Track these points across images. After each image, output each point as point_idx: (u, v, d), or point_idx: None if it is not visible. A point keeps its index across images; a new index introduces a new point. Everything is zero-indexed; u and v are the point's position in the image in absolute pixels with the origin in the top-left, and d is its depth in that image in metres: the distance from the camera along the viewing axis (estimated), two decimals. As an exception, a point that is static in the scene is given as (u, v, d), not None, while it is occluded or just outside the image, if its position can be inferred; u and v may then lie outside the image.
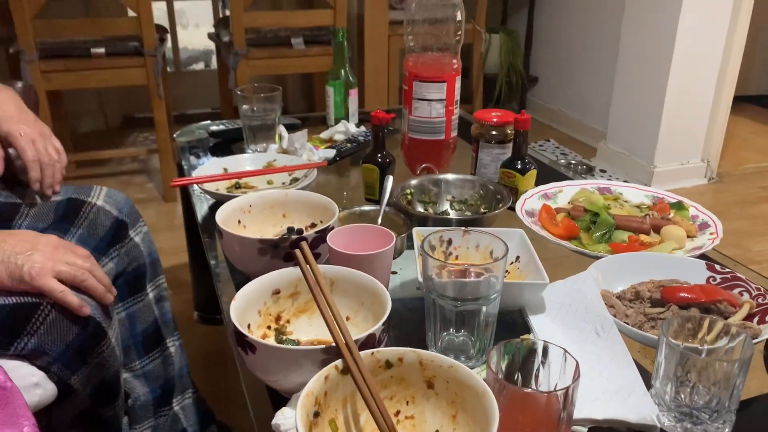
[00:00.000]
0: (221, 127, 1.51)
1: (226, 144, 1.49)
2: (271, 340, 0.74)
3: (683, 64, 2.61)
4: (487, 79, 3.60)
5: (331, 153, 1.37)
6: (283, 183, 1.23)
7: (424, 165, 1.27)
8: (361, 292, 0.75)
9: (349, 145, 1.41)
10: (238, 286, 0.73)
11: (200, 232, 1.11)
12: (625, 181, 1.24)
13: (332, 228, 0.88)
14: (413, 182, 1.12)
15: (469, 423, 0.60)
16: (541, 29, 3.65)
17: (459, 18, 1.21)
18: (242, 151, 1.39)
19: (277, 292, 0.76)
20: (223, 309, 0.87)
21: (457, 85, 1.24)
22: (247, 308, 0.73)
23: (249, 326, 0.72)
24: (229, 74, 2.56)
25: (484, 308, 0.73)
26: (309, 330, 0.77)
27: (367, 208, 1.05)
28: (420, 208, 1.10)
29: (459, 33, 1.22)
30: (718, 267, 0.87)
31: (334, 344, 0.62)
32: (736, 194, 2.77)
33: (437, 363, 0.61)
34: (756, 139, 3.42)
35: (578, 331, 0.77)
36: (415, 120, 1.24)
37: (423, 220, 1.02)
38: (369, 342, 0.65)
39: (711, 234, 1.00)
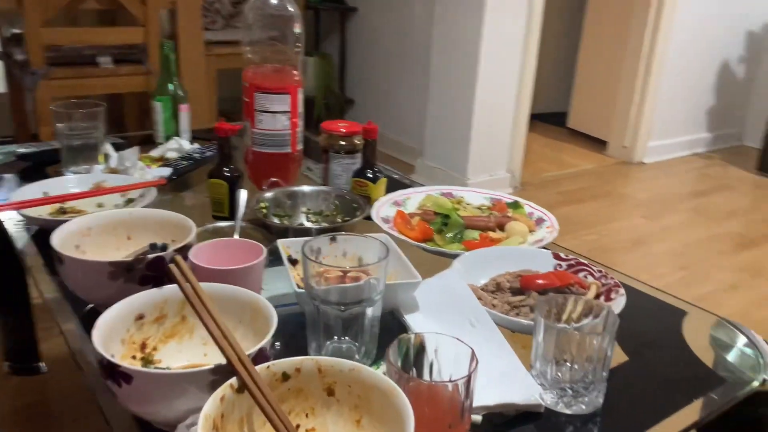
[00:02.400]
0: (32, 149, 1.34)
1: (39, 168, 1.32)
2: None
3: (486, 86, 2.85)
4: (307, 101, 3.63)
5: (167, 171, 1.27)
6: (116, 205, 1.12)
7: (271, 180, 1.23)
8: (238, 308, 0.70)
9: (185, 162, 1.33)
10: (86, 320, 0.65)
11: (23, 266, 0.97)
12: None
13: (191, 245, 0.82)
14: (268, 195, 1.09)
15: (375, 425, 0.58)
16: (354, 53, 3.77)
17: (298, 30, 1.20)
18: (60, 174, 1.25)
19: (141, 317, 0.69)
20: (71, 346, 0.76)
21: (300, 97, 1.23)
22: (109, 338, 0.64)
23: (112, 357, 0.64)
24: (26, 97, 2.29)
25: (368, 311, 0.72)
26: (179, 356, 0.71)
27: (221, 224, 0.99)
28: (276, 222, 1.07)
29: (298, 45, 1.21)
30: (562, 255, 0.95)
31: (221, 363, 0.57)
32: (539, 200, 3.03)
33: (337, 368, 0.59)
34: (548, 152, 3.83)
35: (453, 325, 0.79)
36: (260, 133, 1.20)
37: (282, 233, 0.98)
38: (260, 356, 0.61)
39: (548, 227, 1.09)
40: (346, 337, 0.73)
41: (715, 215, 3.06)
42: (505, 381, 0.70)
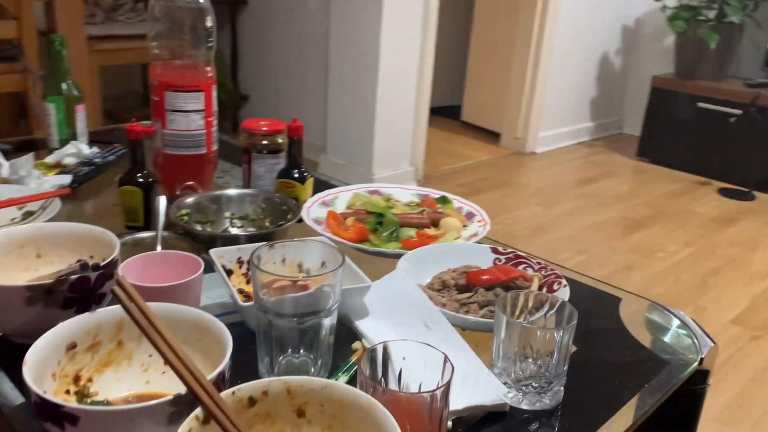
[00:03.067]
0: None
1: None
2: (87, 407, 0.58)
3: (387, 81, 2.85)
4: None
5: (67, 179, 1.16)
6: (12, 220, 1.00)
7: (186, 184, 1.15)
8: (183, 327, 0.64)
9: (86, 168, 1.22)
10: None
11: None
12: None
13: (116, 261, 0.74)
14: (189, 201, 1.01)
15: (352, 444, 0.54)
16: (247, 47, 3.65)
17: (209, 24, 1.13)
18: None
19: (73, 346, 0.61)
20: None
21: (214, 94, 1.15)
22: (40, 373, 0.56)
23: (44, 393, 0.56)
24: None
25: (326, 321, 0.68)
26: (118, 385, 0.64)
27: (142, 235, 0.91)
28: (199, 229, 0.99)
29: (210, 39, 1.14)
30: (501, 249, 0.96)
31: (180, 393, 0.52)
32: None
33: (308, 387, 0.55)
34: (445, 145, 3.91)
35: (408, 328, 0.77)
36: (172, 134, 1.11)
37: (209, 241, 0.92)
38: (219, 381, 0.56)
39: (479, 222, 1.09)
40: (302, 350, 0.69)
41: (603, 200, 3.25)
42: (470, 383, 0.68)
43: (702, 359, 0.80)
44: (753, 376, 1.86)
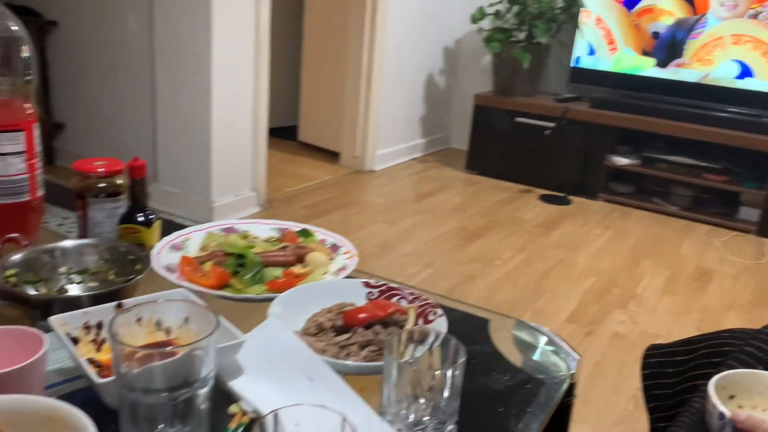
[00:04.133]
0: None
1: None
2: None
3: (222, 104, 2.75)
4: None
5: None
6: None
7: (8, 236, 1.00)
8: (30, 422, 0.54)
9: None
10: None
11: None
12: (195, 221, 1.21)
13: (-70, 346, 0.61)
14: (16, 258, 0.87)
15: None
16: (59, 71, 3.34)
17: (26, 54, 1.00)
18: None
19: None
20: None
21: (36, 133, 1.02)
22: None
23: None
24: None
25: (203, 390, 0.61)
26: (-55, 505, 0.52)
27: (-41, 306, 0.77)
28: (31, 291, 0.86)
29: (29, 72, 1.00)
30: (372, 282, 0.94)
31: None
32: (288, 216, 3.05)
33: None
34: (285, 167, 3.85)
35: (289, 383, 0.72)
36: (-13, 181, 0.97)
37: (46, 306, 0.80)
38: (86, 486, 0.47)
39: (346, 253, 1.07)
40: (175, 424, 0.61)
41: (441, 213, 3.38)
42: (363, 435, 0.65)
43: (573, 374, 0.84)
44: (592, 371, 2.02)
